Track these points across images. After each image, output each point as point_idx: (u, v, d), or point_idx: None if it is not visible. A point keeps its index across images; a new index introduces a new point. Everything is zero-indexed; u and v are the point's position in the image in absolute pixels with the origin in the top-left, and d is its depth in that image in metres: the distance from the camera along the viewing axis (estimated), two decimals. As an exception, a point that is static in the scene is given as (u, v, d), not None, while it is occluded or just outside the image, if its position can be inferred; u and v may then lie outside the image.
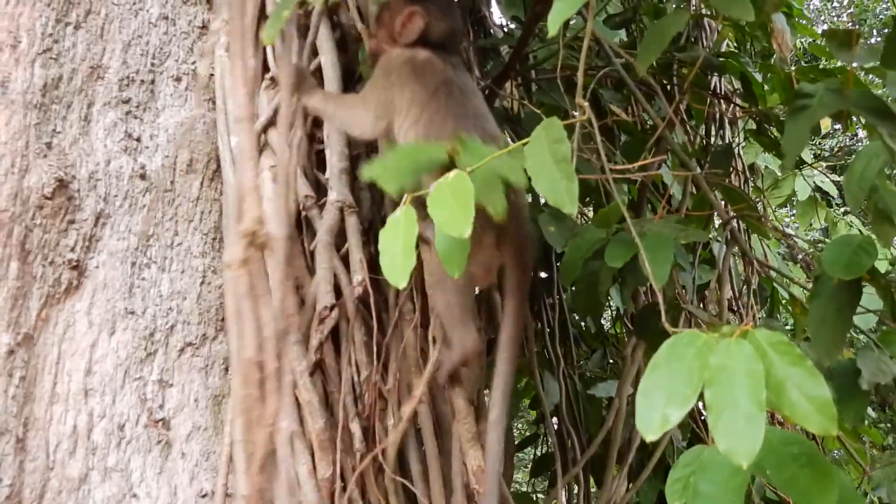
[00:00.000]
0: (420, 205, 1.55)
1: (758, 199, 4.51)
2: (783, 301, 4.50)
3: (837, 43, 2.04)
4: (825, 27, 13.76)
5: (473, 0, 3.50)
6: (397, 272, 1.50)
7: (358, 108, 2.30)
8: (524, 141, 1.60)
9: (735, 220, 3.32)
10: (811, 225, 5.18)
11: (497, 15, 4.07)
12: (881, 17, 12.33)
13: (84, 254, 2.31)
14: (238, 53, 2.21)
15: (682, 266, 2.87)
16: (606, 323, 4.71)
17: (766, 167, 4.93)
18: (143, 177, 2.47)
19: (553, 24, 1.34)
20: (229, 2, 2.52)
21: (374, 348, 2.32)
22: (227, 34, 2.53)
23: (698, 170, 2.95)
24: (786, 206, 6.06)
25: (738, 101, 3.88)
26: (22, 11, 2.35)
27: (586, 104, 1.66)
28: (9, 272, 2.15)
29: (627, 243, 2.20)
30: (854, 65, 2.01)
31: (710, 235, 3.81)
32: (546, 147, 1.55)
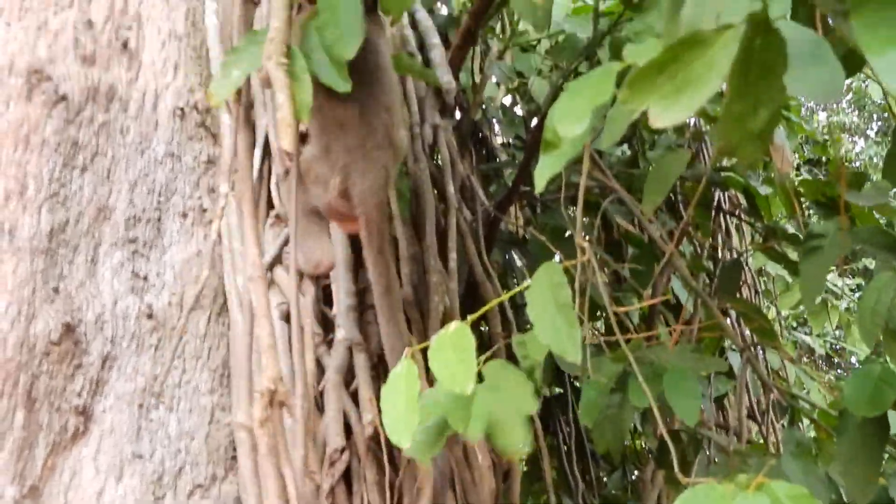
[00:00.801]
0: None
1: (769, 304, 4.50)
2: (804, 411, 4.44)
3: (842, 182, 2.07)
4: (825, 114, 13.89)
5: (475, 122, 3.55)
6: (400, 431, 1.49)
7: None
8: (525, 285, 1.60)
9: (751, 346, 3.31)
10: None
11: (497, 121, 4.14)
12: (880, 102, 12.45)
13: (91, 398, 2.30)
14: (247, 199, 2.22)
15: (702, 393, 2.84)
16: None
17: (776, 272, 4.93)
18: (150, 316, 2.47)
19: (540, 180, 1.36)
20: (233, 142, 2.56)
21: (387, 488, 2.29)
22: (234, 175, 2.55)
23: (708, 290, 2.94)
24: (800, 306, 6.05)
25: (744, 215, 3.91)
26: (29, 159, 2.38)
27: (587, 244, 1.66)
28: (14, 422, 2.13)
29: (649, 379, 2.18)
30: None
31: (725, 343, 3.79)
32: (548, 292, 1.55)
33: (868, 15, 0.86)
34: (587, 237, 1.69)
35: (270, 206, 2.60)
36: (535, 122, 3.97)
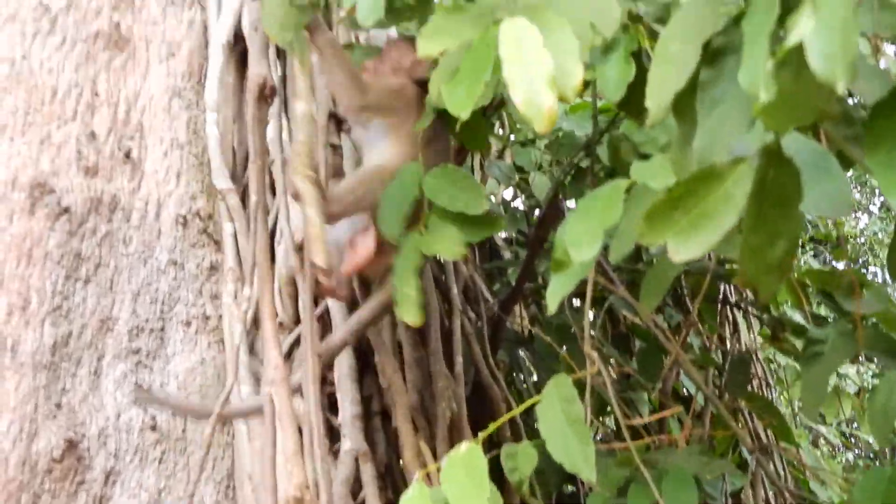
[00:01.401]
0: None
1: (780, 393, 4.47)
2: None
3: (843, 291, 2.07)
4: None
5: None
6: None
7: (356, 88, 2.30)
8: (535, 399, 1.60)
9: (763, 444, 3.28)
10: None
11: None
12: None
13: (94, 516, 2.27)
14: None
15: (711, 495, 2.81)
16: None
17: (787, 362, 4.91)
18: (153, 428, 2.45)
19: (552, 300, 1.36)
20: (235, 250, 2.57)
21: None
22: (237, 282, 2.56)
23: (715, 391, 2.93)
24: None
25: (750, 307, 3.91)
26: (32, 272, 2.38)
27: (595, 355, 1.66)
28: (17, 545, 2.10)
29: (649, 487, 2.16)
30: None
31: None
32: (558, 407, 1.54)
33: (883, 155, 0.87)
34: (593, 334, 1.68)
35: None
36: (536, 213, 4.00)
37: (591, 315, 2.43)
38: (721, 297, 3.96)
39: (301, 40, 1.92)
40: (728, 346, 4.06)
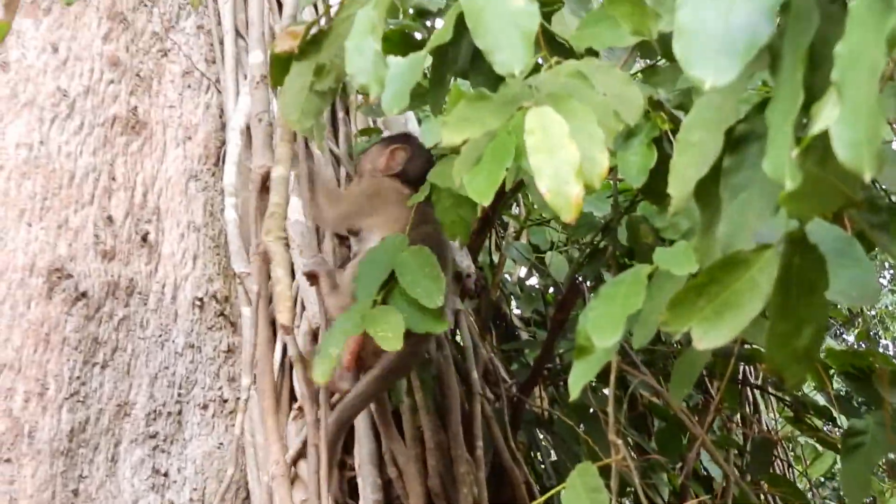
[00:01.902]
0: None
1: (800, 473, 4.42)
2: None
3: (885, 384, 2.07)
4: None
5: (492, 300, 3.58)
6: None
7: (331, 200, 2.54)
8: (559, 488, 1.59)
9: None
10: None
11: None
12: (894, 255, 12.47)
13: None
14: (268, 394, 2.22)
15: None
16: None
17: (806, 440, 4.86)
18: (170, 515, 2.44)
19: (574, 388, 1.36)
20: (252, 334, 2.58)
21: None
22: (255, 368, 2.57)
23: (736, 472, 2.90)
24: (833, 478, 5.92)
25: (771, 388, 3.89)
26: (49, 358, 2.39)
27: (620, 442, 1.65)
28: None
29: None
30: None
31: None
32: (584, 497, 1.53)
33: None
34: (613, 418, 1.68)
35: (293, 398, 2.59)
36: (551, 291, 4.01)
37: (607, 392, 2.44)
38: (741, 376, 3.95)
39: (319, 126, 1.97)
40: (749, 426, 4.02)
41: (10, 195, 2.53)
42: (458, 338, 3.00)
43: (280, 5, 3.11)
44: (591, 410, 3.23)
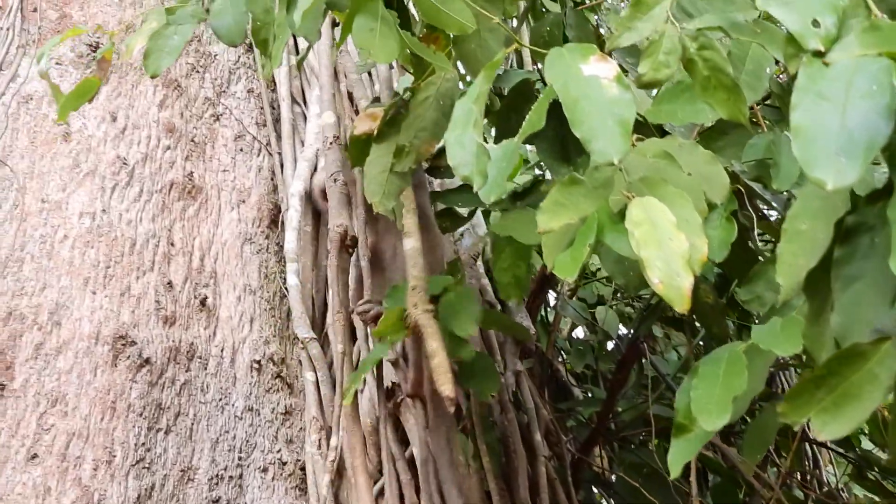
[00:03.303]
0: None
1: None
2: None
3: None
4: None
5: (543, 357, 3.58)
6: None
7: None
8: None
9: None
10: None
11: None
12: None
13: None
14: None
15: None
16: None
17: (864, 493, 4.80)
18: (235, 582, 2.45)
19: (675, 467, 1.36)
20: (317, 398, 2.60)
21: None
22: (319, 432, 2.58)
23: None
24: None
25: (832, 444, 3.85)
26: (116, 425, 2.42)
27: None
28: None
29: None
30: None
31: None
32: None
33: None
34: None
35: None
36: (606, 346, 4.00)
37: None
38: (800, 432, 3.90)
39: (400, 205, 2.00)
40: (809, 482, 3.98)
41: (74, 264, 2.57)
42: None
43: (338, 73, 3.14)
44: (645, 471, 3.23)
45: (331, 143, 2.65)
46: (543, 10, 2.66)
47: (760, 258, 1.89)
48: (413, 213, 2.12)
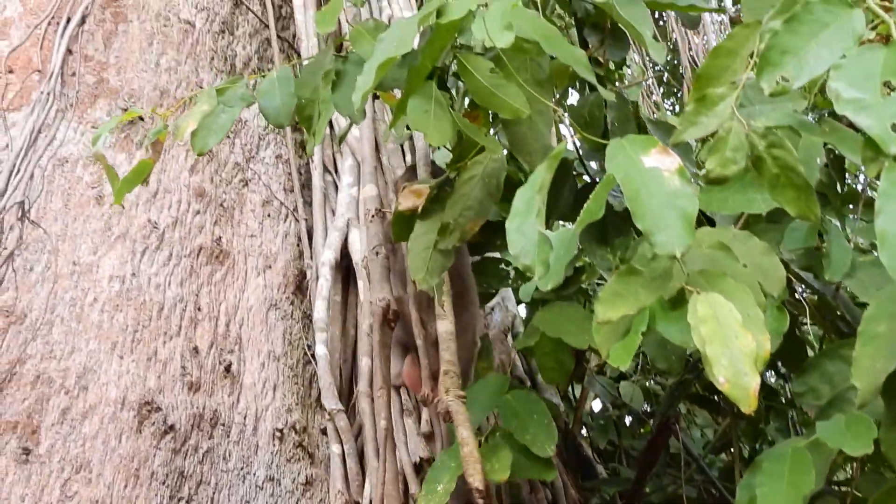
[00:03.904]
0: None
1: None
2: None
3: None
4: None
5: (569, 433, 3.55)
6: None
7: None
8: None
9: None
10: None
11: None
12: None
13: None
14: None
15: None
16: None
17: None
18: None
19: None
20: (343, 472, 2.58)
21: None
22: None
23: None
24: None
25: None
26: (139, 493, 2.39)
27: None
28: None
29: None
30: None
31: None
32: None
33: None
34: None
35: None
36: (629, 422, 3.97)
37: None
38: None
39: (441, 283, 2.00)
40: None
41: (103, 328, 2.57)
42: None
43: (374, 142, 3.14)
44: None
45: (373, 216, 2.66)
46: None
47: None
48: (449, 294, 2.12)
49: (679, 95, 6.66)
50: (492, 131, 2.13)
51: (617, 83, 2.26)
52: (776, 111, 1.35)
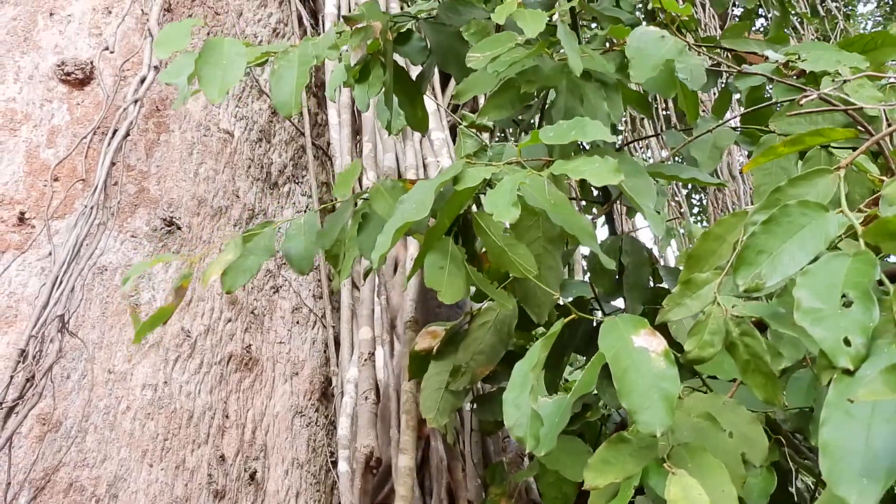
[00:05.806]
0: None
1: None
2: None
3: None
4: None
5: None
6: None
7: None
8: None
9: None
10: None
11: None
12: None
13: None
14: None
15: None
16: None
17: None
18: None
19: None
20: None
21: None
22: None
23: None
24: None
25: None
26: None
27: None
28: None
29: None
30: None
31: None
32: None
33: None
34: None
35: None
36: None
37: None
38: None
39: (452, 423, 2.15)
40: None
41: (134, 436, 2.72)
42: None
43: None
44: None
45: (365, 360, 2.80)
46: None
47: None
48: (413, 430, 2.26)
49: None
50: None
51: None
52: (756, 305, 1.48)
